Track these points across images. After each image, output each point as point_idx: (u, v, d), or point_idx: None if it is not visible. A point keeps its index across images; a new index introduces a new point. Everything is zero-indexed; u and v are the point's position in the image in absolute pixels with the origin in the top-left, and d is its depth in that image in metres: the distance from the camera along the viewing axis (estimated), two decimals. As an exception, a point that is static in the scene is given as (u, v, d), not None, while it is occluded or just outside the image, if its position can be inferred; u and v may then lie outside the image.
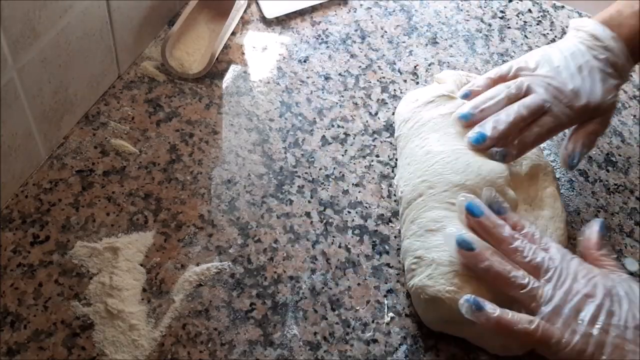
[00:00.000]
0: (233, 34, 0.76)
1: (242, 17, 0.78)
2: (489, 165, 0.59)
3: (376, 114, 0.71)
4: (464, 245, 0.53)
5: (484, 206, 0.56)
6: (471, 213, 0.55)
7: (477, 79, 0.67)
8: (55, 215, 0.59)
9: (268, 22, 0.79)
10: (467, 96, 0.66)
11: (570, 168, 0.63)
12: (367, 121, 0.71)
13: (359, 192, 0.65)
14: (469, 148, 0.61)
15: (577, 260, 0.53)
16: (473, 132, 0.62)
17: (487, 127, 0.61)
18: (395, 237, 0.62)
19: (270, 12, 0.78)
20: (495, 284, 0.53)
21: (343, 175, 0.66)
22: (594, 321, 0.49)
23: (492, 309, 0.50)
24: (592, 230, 0.56)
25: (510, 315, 0.50)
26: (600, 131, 0.64)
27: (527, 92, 0.62)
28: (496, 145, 0.61)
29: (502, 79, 0.65)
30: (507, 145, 0.61)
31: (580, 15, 0.85)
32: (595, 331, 0.49)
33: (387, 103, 0.73)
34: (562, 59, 0.63)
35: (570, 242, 0.64)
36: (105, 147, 0.64)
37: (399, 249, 0.61)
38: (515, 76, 0.64)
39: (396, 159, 0.68)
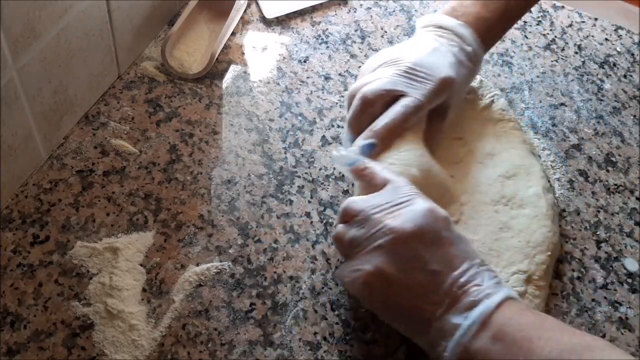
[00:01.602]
0: (233, 34, 0.76)
1: (242, 17, 0.78)
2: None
3: (376, 114, 0.71)
4: (349, 164, 0.56)
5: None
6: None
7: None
8: (55, 215, 0.59)
9: (268, 22, 0.79)
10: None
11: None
12: (367, 121, 0.71)
13: (359, 192, 0.65)
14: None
15: (414, 199, 0.52)
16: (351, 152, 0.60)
17: (344, 131, 0.62)
18: (395, 237, 0.62)
19: (270, 12, 0.78)
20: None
21: (343, 175, 0.66)
22: (387, 258, 0.49)
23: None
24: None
25: (343, 266, 0.52)
26: (446, 117, 0.63)
27: (375, 80, 0.60)
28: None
29: (356, 90, 0.62)
30: (368, 137, 0.58)
31: (580, 15, 0.85)
32: (383, 265, 0.48)
33: (387, 103, 0.73)
34: (413, 45, 0.63)
35: (569, 241, 0.64)
36: (105, 147, 0.64)
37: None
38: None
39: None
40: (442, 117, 0.63)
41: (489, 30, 0.64)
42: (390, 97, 0.59)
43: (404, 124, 0.58)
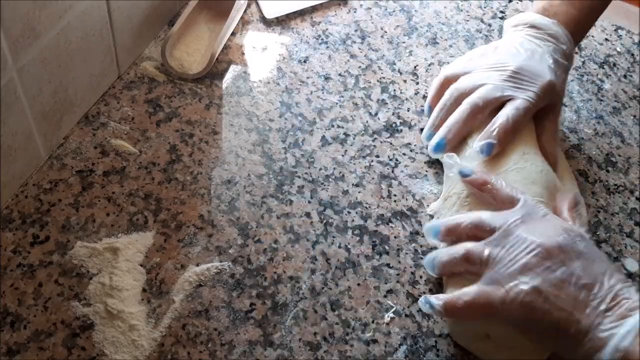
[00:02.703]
0: (233, 34, 0.76)
1: (242, 17, 0.78)
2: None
3: (376, 114, 0.71)
4: (464, 174, 0.58)
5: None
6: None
7: (430, 88, 0.69)
8: (55, 216, 0.59)
9: (268, 22, 0.79)
10: (430, 109, 0.67)
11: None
12: (367, 121, 0.71)
13: (359, 192, 0.65)
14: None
15: (548, 217, 0.53)
16: (431, 144, 0.64)
17: (442, 132, 0.63)
18: (395, 237, 0.62)
19: (270, 12, 0.78)
20: (453, 268, 0.55)
21: (343, 175, 0.66)
22: (544, 277, 0.49)
23: (438, 300, 0.53)
24: (566, 195, 0.58)
25: (452, 295, 0.52)
26: (558, 118, 0.65)
27: (480, 86, 0.63)
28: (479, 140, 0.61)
29: (451, 80, 0.66)
30: (487, 138, 0.60)
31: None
32: (540, 284, 0.49)
33: (387, 103, 0.73)
34: (511, 48, 0.64)
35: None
36: (105, 147, 0.64)
37: (399, 249, 0.61)
38: (463, 74, 0.65)
39: (396, 159, 0.68)
40: (555, 116, 0.64)
41: (578, 27, 0.66)
42: (498, 104, 0.61)
43: (517, 126, 0.60)
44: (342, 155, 0.67)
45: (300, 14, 0.80)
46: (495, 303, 0.50)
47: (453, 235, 0.56)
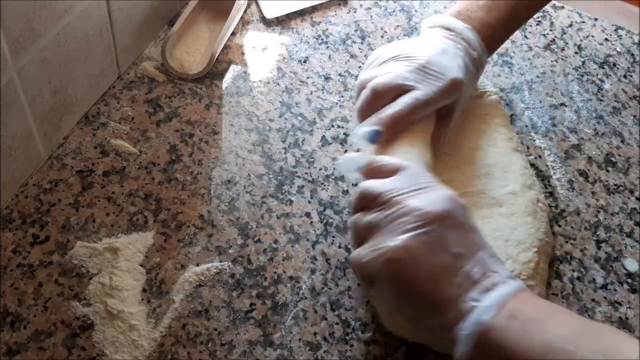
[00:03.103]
0: (233, 34, 0.76)
1: (242, 17, 0.78)
2: None
3: (376, 114, 0.71)
4: (360, 167, 0.55)
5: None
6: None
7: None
8: (55, 216, 0.59)
9: (268, 22, 0.79)
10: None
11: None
12: (367, 121, 0.71)
13: (359, 192, 0.65)
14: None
15: (431, 185, 0.52)
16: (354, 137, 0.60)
17: (352, 124, 0.62)
18: (395, 237, 0.62)
19: (270, 12, 0.78)
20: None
21: (343, 175, 0.66)
22: (412, 237, 0.48)
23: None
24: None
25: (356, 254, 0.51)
26: (452, 118, 0.63)
27: (385, 74, 0.60)
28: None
29: (367, 81, 0.62)
30: (373, 124, 0.58)
31: (580, 15, 0.85)
32: (409, 242, 0.48)
33: (387, 103, 0.73)
34: (424, 43, 0.63)
35: (569, 241, 0.64)
36: (105, 147, 0.64)
37: (399, 249, 0.61)
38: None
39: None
40: (449, 118, 0.62)
41: (493, 36, 0.65)
42: (400, 92, 0.59)
43: (411, 116, 0.58)
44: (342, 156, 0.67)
45: (300, 14, 0.80)
46: (363, 262, 0.49)
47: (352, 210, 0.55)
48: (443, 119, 0.62)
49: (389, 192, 0.51)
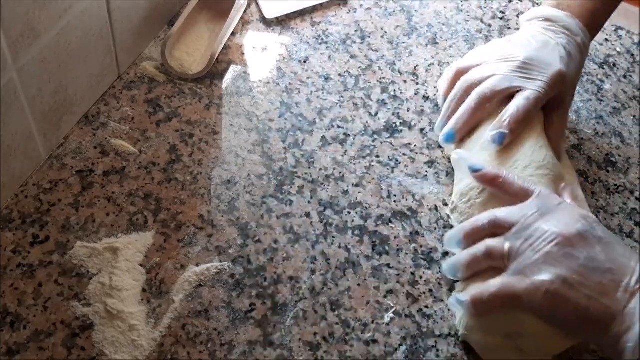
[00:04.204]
0: (233, 34, 0.76)
1: (242, 18, 0.78)
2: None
3: (376, 114, 0.71)
4: (474, 169, 0.58)
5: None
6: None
7: (442, 79, 0.70)
8: (55, 216, 0.59)
9: (268, 23, 0.79)
10: (443, 100, 0.69)
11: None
12: (367, 122, 0.71)
13: (359, 192, 0.65)
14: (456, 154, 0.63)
15: (563, 205, 0.53)
16: (441, 135, 0.65)
17: (451, 123, 0.64)
18: (395, 237, 0.62)
19: (270, 13, 0.78)
20: (476, 267, 0.55)
21: (343, 175, 0.66)
22: (568, 265, 0.49)
23: (465, 296, 0.53)
24: (566, 187, 0.59)
25: (477, 290, 0.52)
26: (566, 113, 0.66)
27: (490, 77, 0.63)
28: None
29: (463, 72, 0.67)
30: (498, 128, 0.61)
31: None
32: (566, 273, 0.48)
33: (387, 103, 0.73)
34: (523, 40, 0.65)
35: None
36: (105, 147, 0.64)
37: (398, 249, 0.61)
38: (474, 66, 0.66)
39: (396, 159, 0.68)
40: (562, 109, 0.64)
41: (594, 19, 0.66)
42: (507, 94, 0.62)
43: (528, 115, 0.61)
44: (342, 156, 0.67)
45: (300, 14, 0.80)
46: (520, 293, 0.50)
47: (472, 239, 0.56)
48: (557, 110, 0.64)
49: (526, 219, 0.52)
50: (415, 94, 0.74)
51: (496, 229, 0.54)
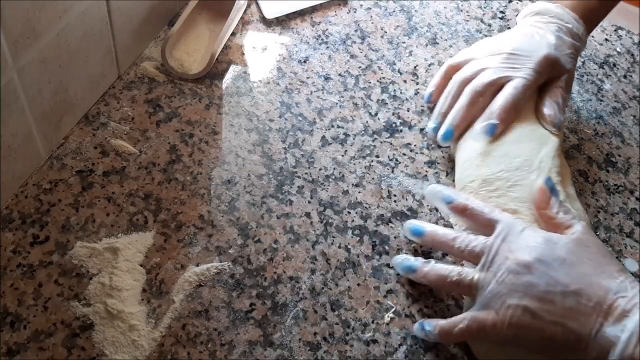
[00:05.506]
0: (233, 34, 0.76)
1: (242, 18, 0.78)
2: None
3: (376, 114, 0.71)
4: (409, 271, 0.57)
5: (424, 224, 0.59)
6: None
7: (434, 77, 0.71)
8: (55, 216, 0.59)
9: (268, 23, 0.79)
10: (430, 97, 0.70)
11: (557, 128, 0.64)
12: (367, 121, 0.71)
13: (359, 192, 0.65)
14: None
15: (526, 232, 0.53)
16: (440, 133, 0.66)
17: (448, 120, 0.65)
18: (395, 237, 0.62)
19: (270, 13, 0.78)
20: (442, 288, 0.57)
21: (343, 175, 0.66)
22: (529, 293, 0.49)
23: (432, 326, 0.53)
24: (536, 189, 0.57)
25: (446, 322, 0.52)
26: (567, 90, 0.66)
27: (481, 71, 0.65)
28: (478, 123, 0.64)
29: (455, 68, 0.68)
30: (488, 119, 0.63)
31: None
32: (527, 302, 0.48)
33: (387, 103, 0.73)
34: (511, 34, 0.67)
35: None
36: (105, 147, 0.64)
37: (399, 249, 0.61)
38: (465, 62, 0.68)
39: (396, 159, 0.68)
40: (556, 88, 0.65)
41: (588, 13, 0.67)
42: (498, 86, 0.63)
43: (518, 103, 0.62)
44: (342, 156, 0.67)
45: (300, 14, 0.80)
46: (487, 328, 0.50)
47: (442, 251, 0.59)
48: (552, 90, 0.65)
49: (487, 249, 0.53)
50: (415, 94, 0.74)
51: (471, 258, 0.55)
